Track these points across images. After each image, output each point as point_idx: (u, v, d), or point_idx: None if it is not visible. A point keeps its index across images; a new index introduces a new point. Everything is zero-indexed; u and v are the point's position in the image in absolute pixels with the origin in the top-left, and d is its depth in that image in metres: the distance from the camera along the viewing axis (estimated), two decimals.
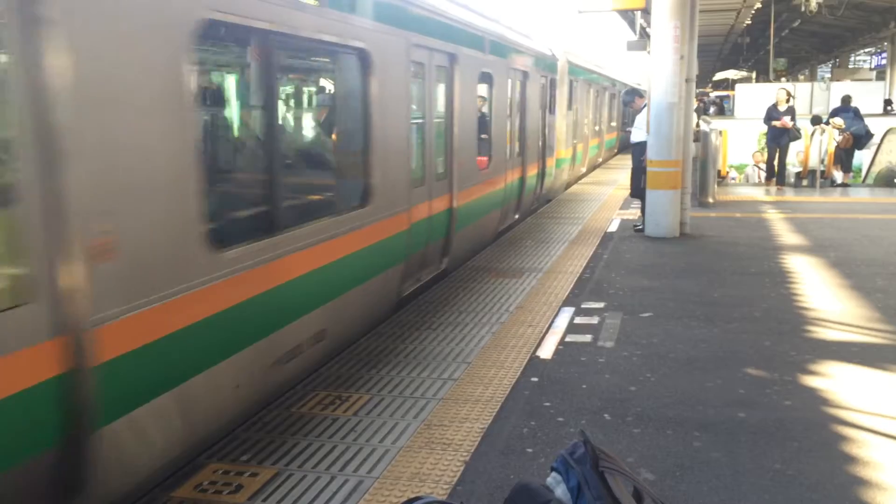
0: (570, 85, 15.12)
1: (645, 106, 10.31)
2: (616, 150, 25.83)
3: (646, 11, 14.89)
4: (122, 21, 3.20)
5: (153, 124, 3.40)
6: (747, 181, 17.37)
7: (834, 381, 4.91)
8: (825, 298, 6.86)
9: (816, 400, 4.61)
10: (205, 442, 3.97)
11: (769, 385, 4.83)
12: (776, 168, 15.35)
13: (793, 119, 14.84)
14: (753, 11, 20.77)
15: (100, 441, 3.10)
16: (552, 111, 13.38)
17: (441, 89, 7.59)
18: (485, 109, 9.31)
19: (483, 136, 8.99)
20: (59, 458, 2.98)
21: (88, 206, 3.00)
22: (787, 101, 15.09)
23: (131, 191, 3.25)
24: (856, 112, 15.65)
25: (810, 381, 4.91)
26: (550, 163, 13.35)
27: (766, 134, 15.43)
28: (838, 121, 15.43)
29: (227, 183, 4.80)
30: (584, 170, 18.43)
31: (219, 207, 4.15)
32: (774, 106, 15.08)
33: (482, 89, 9.06)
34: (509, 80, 10.06)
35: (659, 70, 9.63)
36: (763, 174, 16.90)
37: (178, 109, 3.55)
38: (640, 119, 10.53)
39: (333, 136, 6.30)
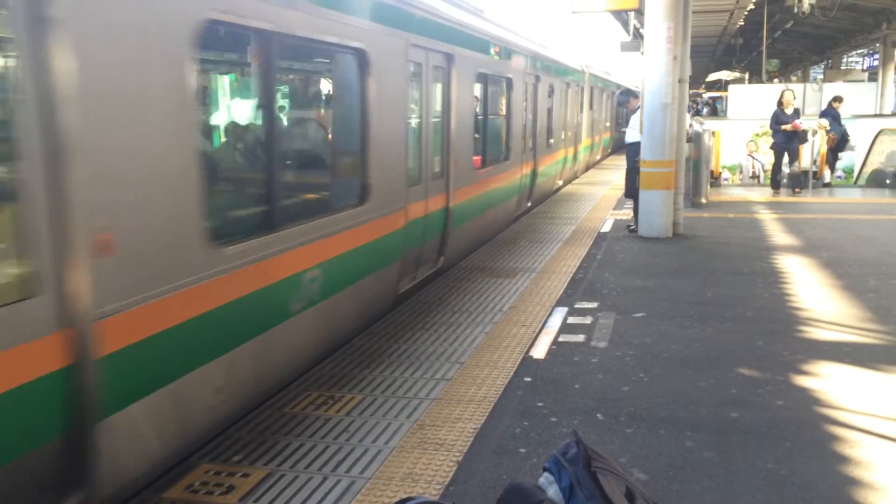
0: (591, 91, 20.10)
1: (639, 107, 10.32)
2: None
3: (639, 12, 14.87)
4: (121, 22, 3.26)
5: (156, 123, 3.48)
6: (741, 172, 17.07)
7: (826, 380, 4.92)
8: (817, 298, 6.88)
9: (809, 400, 4.62)
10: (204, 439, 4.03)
11: (762, 385, 4.84)
12: (783, 174, 14.66)
13: (800, 121, 14.26)
14: (746, 13, 20.79)
15: (103, 432, 3.17)
16: (581, 111, 18.55)
17: (543, 101, 13.28)
18: (552, 110, 14.45)
19: (553, 131, 14.43)
20: (64, 449, 3.05)
21: (91, 203, 3.07)
22: (793, 101, 14.35)
23: (132, 189, 3.32)
24: (835, 116, 15.67)
25: (803, 380, 4.92)
26: (579, 148, 18.63)
27: (773, 138, 14.50)
28: (824, 122, 15.47)
29: (226, 181, 4.93)
30: (598, 157, 23.54)
31: (218, 205, 4.25)
32: (781, 109, 14.27)
33: (554, 97, 14.54)
34: (564, 88, 15.68)
35: (652, 71, 9.65)
36: (757, 164, 16.75)
37: (180, 107, 3.63)
38: (635, 119, 10.55)
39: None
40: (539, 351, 5.48)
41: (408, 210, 6.63)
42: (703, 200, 12.92)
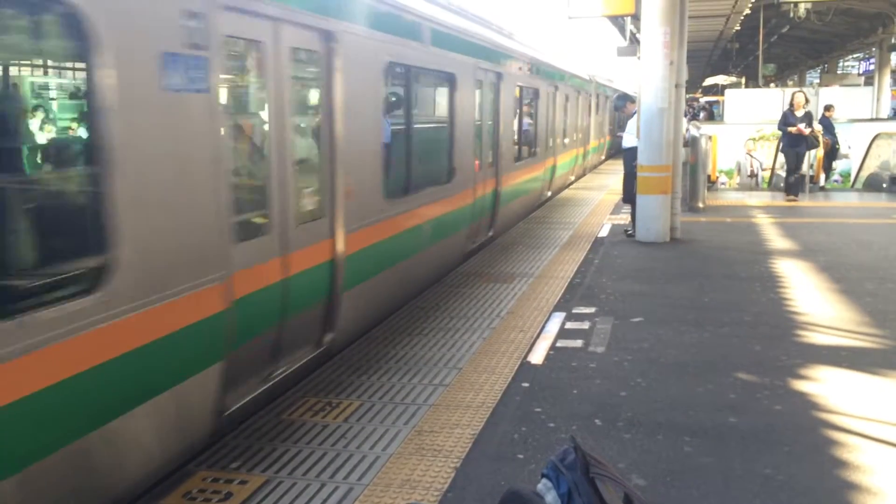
0: (597, 97, 22.95)
1: (636, 111, 10.34)
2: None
3: (636, 17, 14.91)
4: (366, 61, 5.87)
5: (372, 124, 5.98)
6: (738, 171, 16.91)
7: (824, 385, 4.92)
8: (815, 303, 6.89)
9: (807, 404, 4.62)
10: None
11: (760, 390, 4.84)
12: (792, 178, 14.09)
13: (809, 125, 13.76)
14: (742, 17, 20.86)
15: (343, 299, 5.38)
16: (589, 115, 21.22)
17: (561, 107, 15.65)
18: (567, 115, 16.82)
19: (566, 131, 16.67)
20: (325, 307, 5.25)
21: (345, 169, 5.32)
22: (805, 105, 13.86)
23: (361, 163, 5.68)
24: (826, 126, 15.68)
25: (801, 385, 4.92)
26: (588, 148, 21.30)
27: (781, 140, 14.27)
28: (818, 127, 15.48)
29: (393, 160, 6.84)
30: (603, 157, 26.23)
31: (389, 175, 6.47)
32: (791, 110, 13.84)
33: (569, 104, 16.88)
34: (578, 98, 18.69)
35: (649, 75, 9.66)
36: (756, 163, 16.64)
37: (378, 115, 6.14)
38: (631, 124, 10.57)
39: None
40: (537, 356, 5.48)
41: (475, 189, 8.89)
42: (701, 205, 12.93)
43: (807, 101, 14.02)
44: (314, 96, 5.31)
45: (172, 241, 3.62)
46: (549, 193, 14.93)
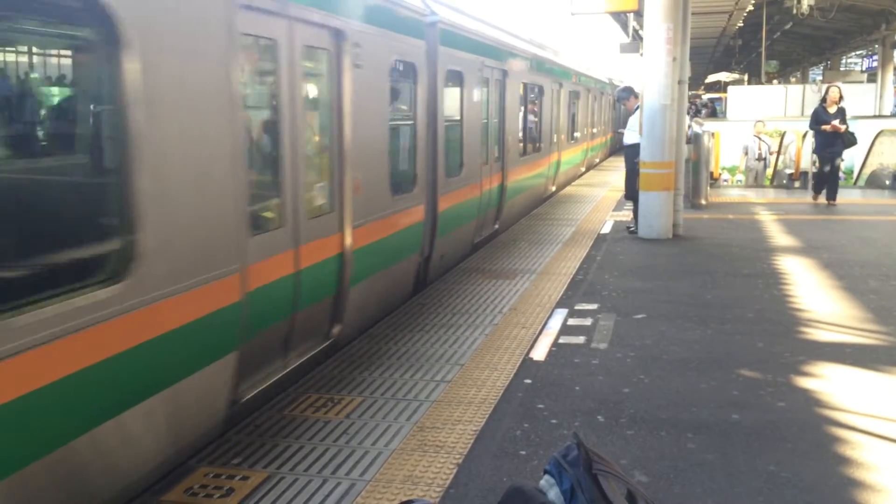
0: (602, 94, 24.27)
1: (637, 107, 10.31)
2: None
3: (638, 14, 14.87)
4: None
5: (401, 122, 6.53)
6: (746, 154, 16.33)
7: (827, 382, 4.90)
8: (818, 300, 6.87)
9: (810, 401, 4.60)
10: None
11: (763, 386, 4.83)
12: (825, 179, 12.92)
13: (843, 122, 12.43)
14: (745, 14, 20.80)
15: (350, 293, 5.49)
16: (593, 112, 22.13)
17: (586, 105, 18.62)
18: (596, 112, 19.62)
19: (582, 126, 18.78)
20: (333, 300, 5.39)
21: (352, 165, 5.40)
22: (839, 100, 12.51)
23: (367, 161, 5.72)
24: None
25: (804, 382, 4.91)
26: (602, 141, 24.29)
27: (815, 140, 13.00)
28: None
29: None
30: (602, 156, 28.04)
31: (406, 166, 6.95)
32: (823, 107, 12.57)
33: (574, 101, 17.64)
34: (601, 97, 22.55)
35: (652, 72, 9.64)
36: (764, 146, 16.12)
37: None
38: (633, 120, 10.54)
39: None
40: (539, 353, 5.47)
41: (482, 183, 9.07)
42: (703, 202, 12.91)
43: (841, 96, 12.66)
44: (325, 92, 5.33)
45: (194, 232, 3.73)
46: (554, 188, 15.19)
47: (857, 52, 36.27)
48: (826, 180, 12.92)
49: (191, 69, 3.69)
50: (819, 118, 12.57)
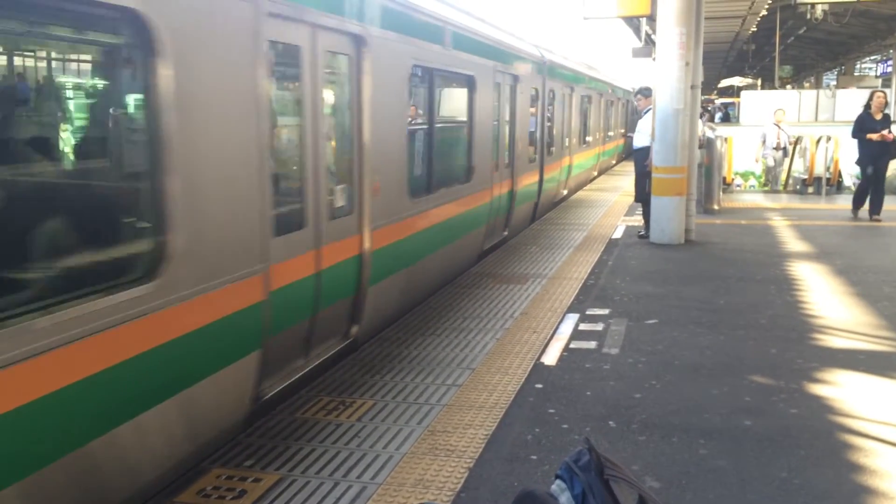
0: (613, 99, 24.44)
1: (647, 110, 10.29)
2: None
3: (651, 18, 14.85)
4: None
5: (398, 124, 6.21)
6: (764, 142, 15.77)
7: (841, 389, 4.88)
8: (832, 306, 6.83)
9: (823, 408, 4.58)
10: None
11: (775, 393, 4.81)
12: (867, 190, 11.84)
13: (890, 130, 11.48)
14: (759, 18, 20.76)
15: (369, 293, 5.55)
16: (605, 117, 22.29)
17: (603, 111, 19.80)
18: (586, 116, 17.86)
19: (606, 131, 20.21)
20: (353, 300, 5.46)
21: (372, 168, 5.49)
22: (884, 106, 11.59)
23: (386, 164, 5.81)
24: None
25: (817, 388, 4.88)
26: (616, 145, 24.64)
27: (858, 150, 11.84)
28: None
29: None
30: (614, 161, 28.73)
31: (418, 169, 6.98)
32: (868, 114, 11.58)
33: (586, 106, 17.68)
34: (621, 103, 24.11)
35: (664, 77, 9.63)
36: (783, 135, 15.66)
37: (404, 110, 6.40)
38: (642, 124, 10.52)
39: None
40: (550, 357, 5.47)
41: (492, 189, 9.07)
42: (716, 207, 12.87)
43: (886, 102, 11.68)
44: (345, 97, 5.42)
45: (222, 233, 3.86)
46: (566, 192, 15.24)
47: (872, 57, 36.05)
48: (868, 192, 11.81)
49: (221, 75, 3.80)
50: (864, 126, 11.54)
